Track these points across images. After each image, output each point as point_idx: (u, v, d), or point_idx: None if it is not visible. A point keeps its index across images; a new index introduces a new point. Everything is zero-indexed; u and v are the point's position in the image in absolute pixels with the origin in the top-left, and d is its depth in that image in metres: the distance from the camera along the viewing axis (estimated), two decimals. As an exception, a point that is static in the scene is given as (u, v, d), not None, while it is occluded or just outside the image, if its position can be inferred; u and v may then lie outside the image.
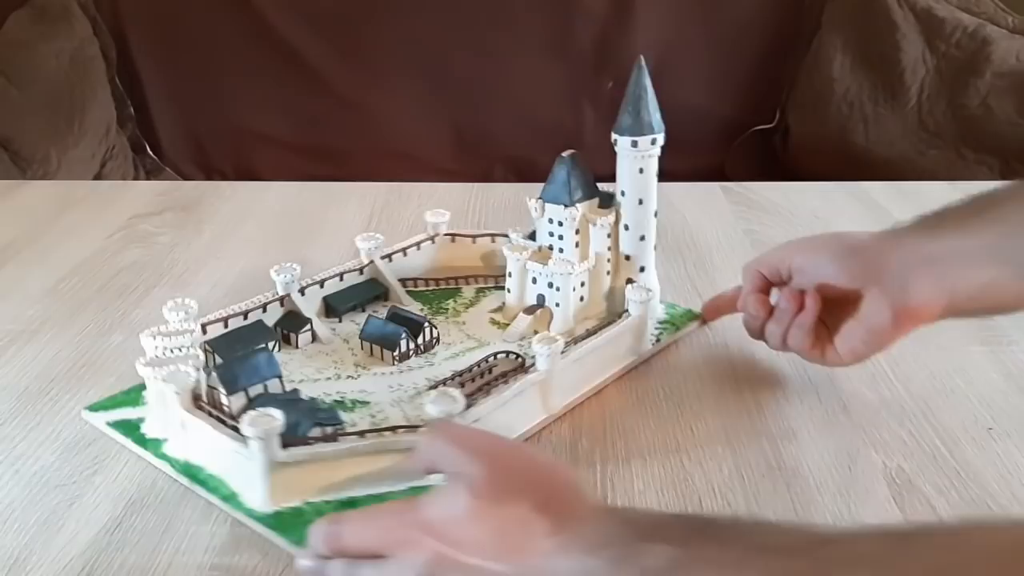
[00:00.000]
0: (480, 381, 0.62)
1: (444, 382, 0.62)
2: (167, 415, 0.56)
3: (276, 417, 0.50)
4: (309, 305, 0.70)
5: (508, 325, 0.71)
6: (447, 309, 0.75)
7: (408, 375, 0.65)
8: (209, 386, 0.56)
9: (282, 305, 0.68)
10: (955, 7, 1.68)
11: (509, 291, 0.72)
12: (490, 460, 0.43)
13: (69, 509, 0.53)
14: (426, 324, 0.68)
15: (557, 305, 0.70)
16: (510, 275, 0.72)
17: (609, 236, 0.70)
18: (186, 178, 1.91)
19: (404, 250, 0.77)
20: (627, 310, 0.66)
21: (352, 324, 0.71)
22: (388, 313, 0.70)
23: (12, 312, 0.77)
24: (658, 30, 1.87)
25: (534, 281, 0.71)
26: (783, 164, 1.86)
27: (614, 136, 0.69)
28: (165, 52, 1.89)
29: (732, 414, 0.63)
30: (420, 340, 0.67)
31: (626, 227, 0.71)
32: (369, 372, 0.65)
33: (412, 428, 0.54)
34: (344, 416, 0.59)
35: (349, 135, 1.86)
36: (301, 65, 1.87)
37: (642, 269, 0.72)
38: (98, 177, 1.74)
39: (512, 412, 0.58)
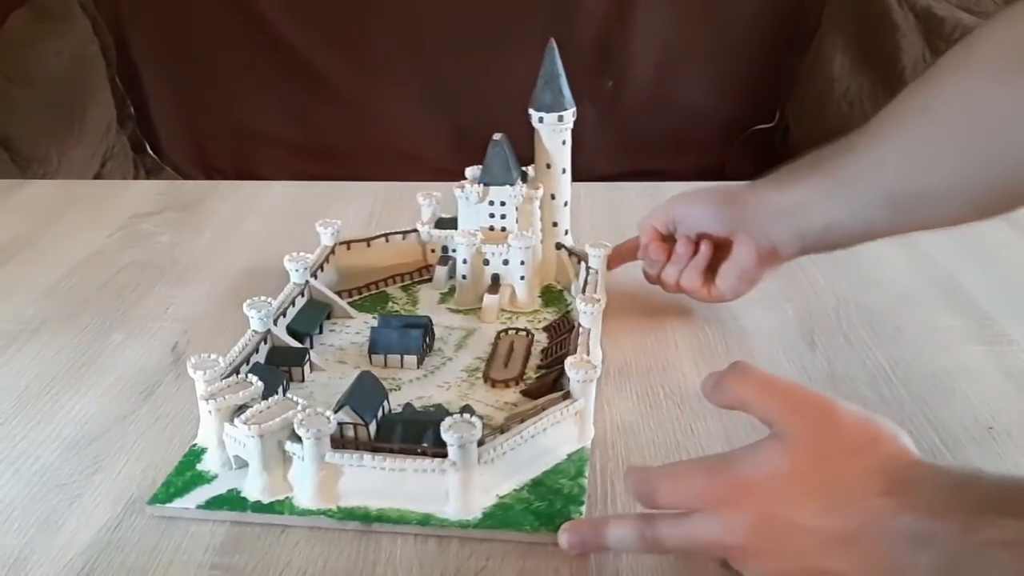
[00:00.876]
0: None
1: (488, 376, 0.64)
2: (300, 467, 0.52)
3: (474, 424, 0.50)
4: (282, 335, 0.66)
5: (471, 311, 0.74)
6: (396, 310, 0.75)
7: (443, 372, 0.66)
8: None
9: (265, 342, 0.64)
10: (955, 6, 1.68)
11: (464, 277, 0.74)
12: (808, 415, 0.42)
13: (69, 508, 0.53)
14: (430, 322, 0.69)
15: (522, 278, 0.74)
16: (465, 262, 0.73)
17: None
18: (186, 177, 1.92)
19: (320, 266, 0.74)
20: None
21: (321, 346, 0.69)
22: (382, 322, 0.68)
23: (12, 311, 0.77)
24: (658, 30, 1.87)
25: (486, 263, 0.74)
26: (783, 163, 1.86)
27: (538, 114, 0.74)
28: (165, 51, 1.89)
29: (732, 414, 0.62)
30: (428, 339, 0.68)
31: (552, 196, 0.76)
32: (406, 380, 0.65)
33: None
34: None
35: (349, 134, 1.86)
36: (301, 65, 1.88)
37: (566, 232, 0.78)
38: (98, 176, 1.74)
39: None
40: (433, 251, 0.79)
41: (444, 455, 0.50)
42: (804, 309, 0.77)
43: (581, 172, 0.79)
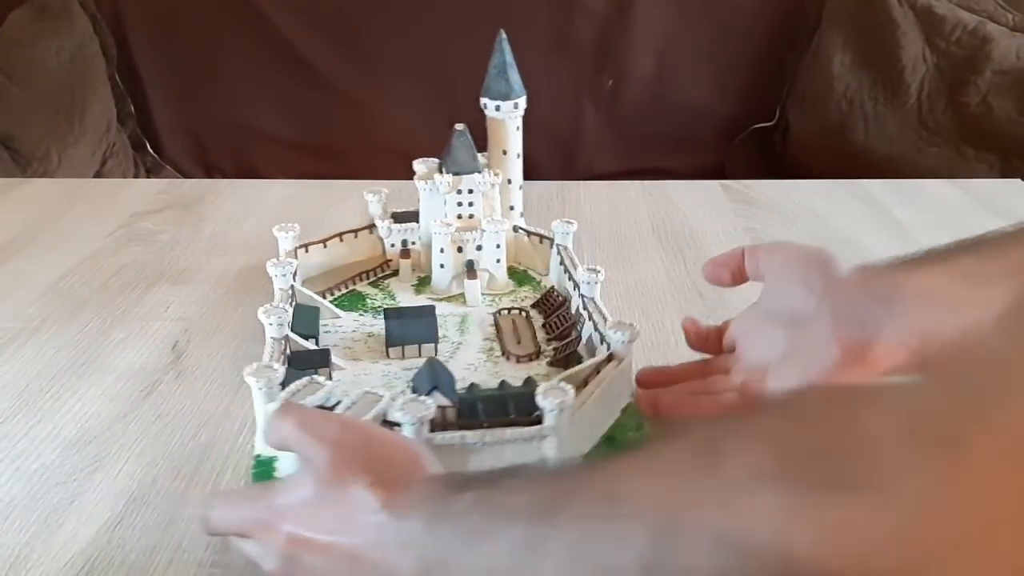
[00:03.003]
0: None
1: (511, 353, 0.67)
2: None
3: (566, 389, 0.52)
4: (300, 340, 0.66)
5: (451, 298, 0.76)
6: (376, 307, 0.75)
7: (462, 356, 0.68)
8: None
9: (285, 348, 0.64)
10: (955, 5, 1.68)
11: (443, 266, 0.76)
12: (334, 445, 0.43)
13: (70, 507, 0.53)
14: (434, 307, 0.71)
15: (498, 261, 0.76)
16: (442, 251, 0.75)
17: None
18: (186, 176, 1.91)
19: (294, 274, 0.73)
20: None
21: (326, 346, 0.68)
22: (391, 315, 0.69)
23: (13, 310, 0.77)
24: (658, 28, 1.87)
25: (460, 250, 0.76)
26: (783, 162, 1.86)
27: (494, 102, 0.76)
28: (165, 50, 1.89)
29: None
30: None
31: (509, 181, 0.78)
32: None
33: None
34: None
35: (349, 133, 1.86)
36: (301, 63, 1.87)
37: (521, 214, 0.81)
38: (98, 175, 1.74)
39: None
40: (392, 246, 0.80)
41: (538, 422, 0.52)
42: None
43: (581, 171, 0.79)
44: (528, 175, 0.82)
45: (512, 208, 0.80)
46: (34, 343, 0.72)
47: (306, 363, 0.62)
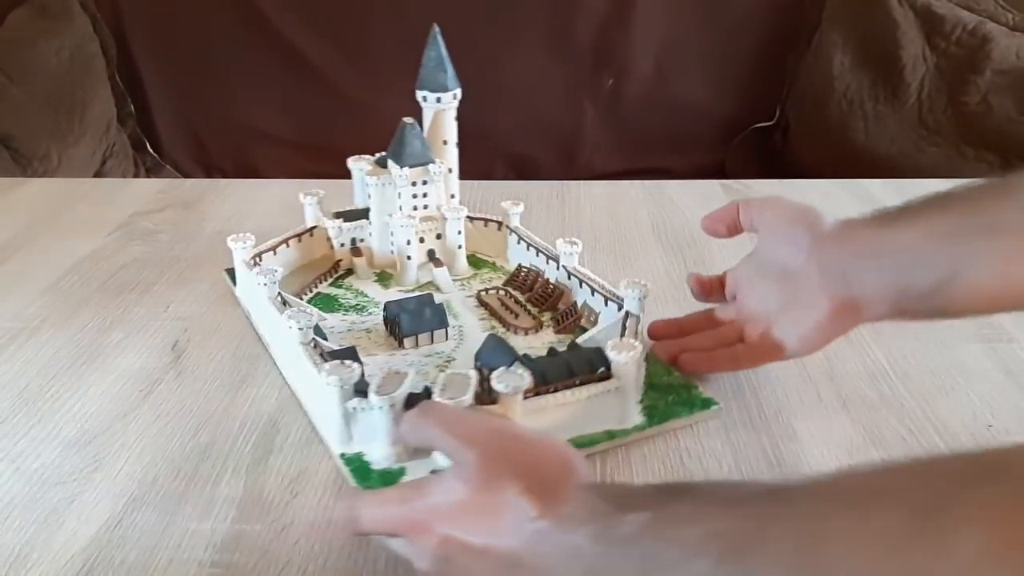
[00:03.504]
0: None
1: (518, 327, 0.71)
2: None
3: (635, 344, 0.58)
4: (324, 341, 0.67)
5: (420, 287, 0.78)
6: (354, 306, 0.75)
7: (472, 337, 0.70)
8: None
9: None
10: (955, 4, 1.68)
11: (410, 258, 0.78)
12: (481, 446, 0.44)
13: (70, 506, 0.53)
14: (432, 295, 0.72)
15: (460, 247, 0.80)
16: (408, 243, 0.77)
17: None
18: (186, 175, 1.91)
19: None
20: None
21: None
22: (396, 308, 0.69)
23: (13, 309, 0.77)
24: (658, 28, 1.87)
25: (422, 240, 0.78)
26: (783, 161, 1.86)
27: (435, 94, 0.78)
28: (165, 49, 1.89)
29: (731, 412, 0.63)
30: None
31: (450, 169, 0.81)
32: (450, 351, 0.68)
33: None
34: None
35: (349, 133, 1.85)
36: (301, 62, 1.87)
37: (452, 196, 0.82)
38: (98, 175, 1.74)
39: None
40: (342, 245, 0.81)
41: (607, 377, 0.57)
42: (804, 307, 0.77)
43: (581, 171, 0.80)
44: (528, 175, 0.83)
45: (453, 196, 0.82)
46: (34, 343, 0.72)
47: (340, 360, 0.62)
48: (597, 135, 1.95)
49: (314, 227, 0.81)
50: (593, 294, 0.71)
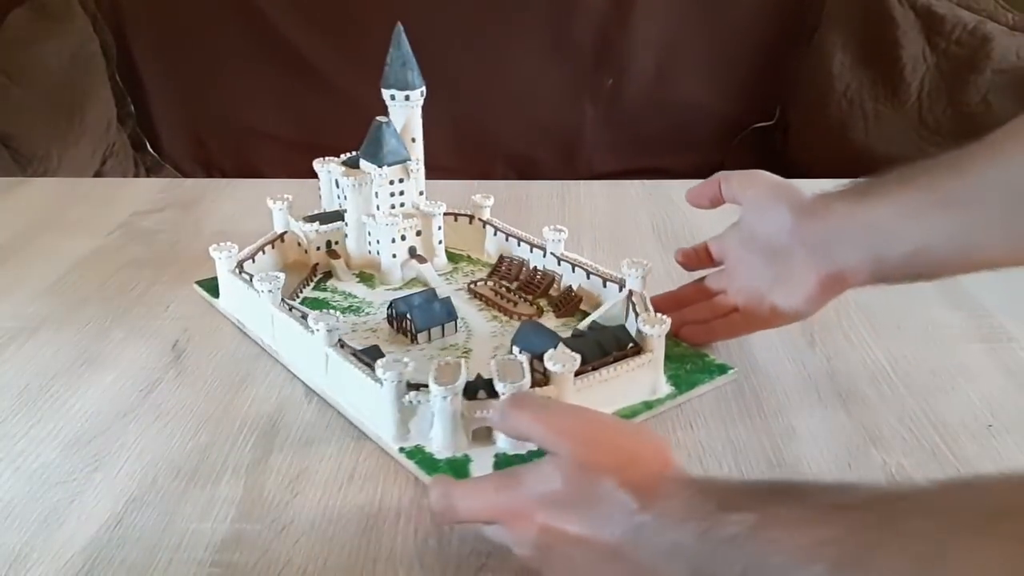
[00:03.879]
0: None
1: (520, 315, 0.73)
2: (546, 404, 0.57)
3: (664, 319, 0.62)
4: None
5: (408, 283, 0.79)
6: (348, 306, 0.75)
7: (481, 327, 0.72)
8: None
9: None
10: (955, 4, 1.68)
11: (395, 256, 0.78)
12: (576, 438, 0.45)
13: (70, 506, 0.53)
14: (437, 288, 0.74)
15: (440, 243, 0.81)
16: (394, 241, 0.78)
17: None
18: (186, 175, 1.91)
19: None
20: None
21: None
22: (404, 305, 0.70)
23: (13, 309, 0.77)
24: (658, 28, 1.87)
25: (403, 238, 0.79)
26: (783, 161, 1.86)
27: (403, 92, 0.78)
28: (165, 49, 1.89)
29: (731, 411, 0.63)
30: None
31: (416, 163, 0.81)
32: (463, 341, 0.70)
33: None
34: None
35: (350, 132, 1.85)
36: (301, 62, 1.87)
37: (421, 192, 0.82)
38: (98, 174, 1.74)
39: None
40: (319, 249, 0.80)
41: (637, 352, 0.61)
42: (804, 307, 0.77)
43: (581, 170, 0.80)
44: (528, 175, 0.83)
45: (421, 193, 0.82)
46: (34, 342, 0.72)
47: (374, 358, 0.62)
48: (597, 135, 1.95)
49: (284, 232, 0.80)
50: (589, 277, 0.73)
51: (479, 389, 0.56)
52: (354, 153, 0.81)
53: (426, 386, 0.56)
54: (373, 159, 0.77)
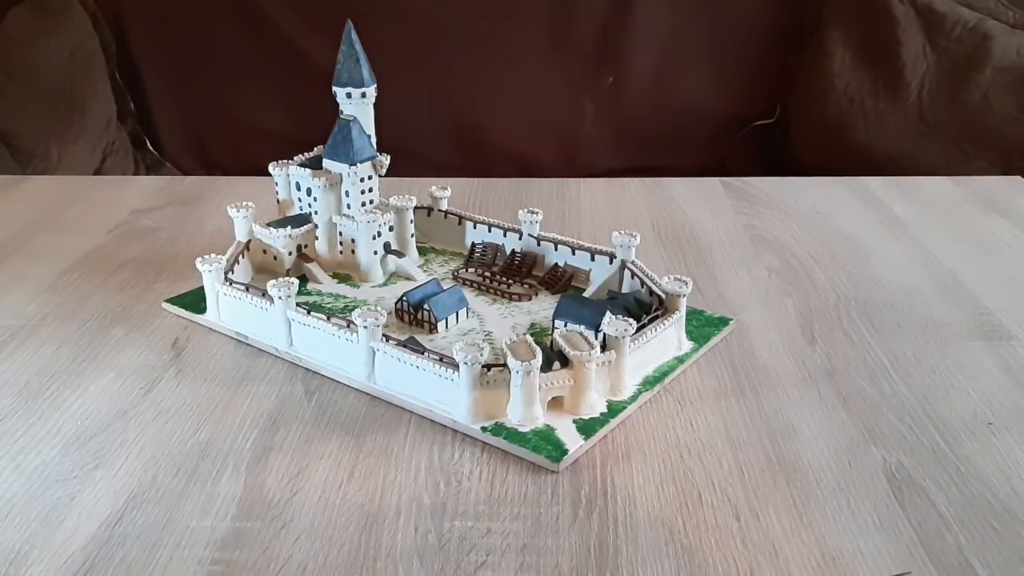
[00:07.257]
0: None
1: (520, 296, 0.76)
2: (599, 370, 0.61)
3: (686, 280, 0.68)
4: None
5: (391, 278, 0.80)
6: (343, 306, 0.75)
7: (487, 311, 0.74)
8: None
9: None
10: (955, 2, 1.68)
11: (376, 252, 0.79)
12: None
13: (70, 504, 0.53)
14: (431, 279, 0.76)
15: (412, 235, 0.83)
16: (373, 238, 0.79)
17: None
18: (186, 173, 1.91)
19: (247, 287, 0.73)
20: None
21: None
22: (416, 299, 0.71)
23: (13, 307, 0.77)
24: (658, 26, 1.87)
25: (379, 235, 0.79)
26: (783, 159, 1.86)
27: (360, 89, 0.78)
28: (165, 47, 1.89)
29: (732, 409, 0.63)
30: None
31: (386, 159, 0.81)
32: (476, 325, 0.72)
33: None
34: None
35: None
36: (301, 60, 1.87)
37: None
38: (98, 172, 1.74)
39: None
40: (291, 253, 0.80)
41: (662, 314, 0.67)
42: (804, 305, 0.78)
43: (581, 168, 0.80)
44: (529, 173, 0.83)
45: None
46: (34, 340, 0.72)
47: (417, 349, 0.64)
48: (597, 133, 1.95)
49: (250, 240, 0.80)
50: (575, 253, 0.77)
51: (554, 361, 0.60)
52: (308, 155, 0.81)
53: (497, 366, 0.59)
54: (343, 158, 0.77)
